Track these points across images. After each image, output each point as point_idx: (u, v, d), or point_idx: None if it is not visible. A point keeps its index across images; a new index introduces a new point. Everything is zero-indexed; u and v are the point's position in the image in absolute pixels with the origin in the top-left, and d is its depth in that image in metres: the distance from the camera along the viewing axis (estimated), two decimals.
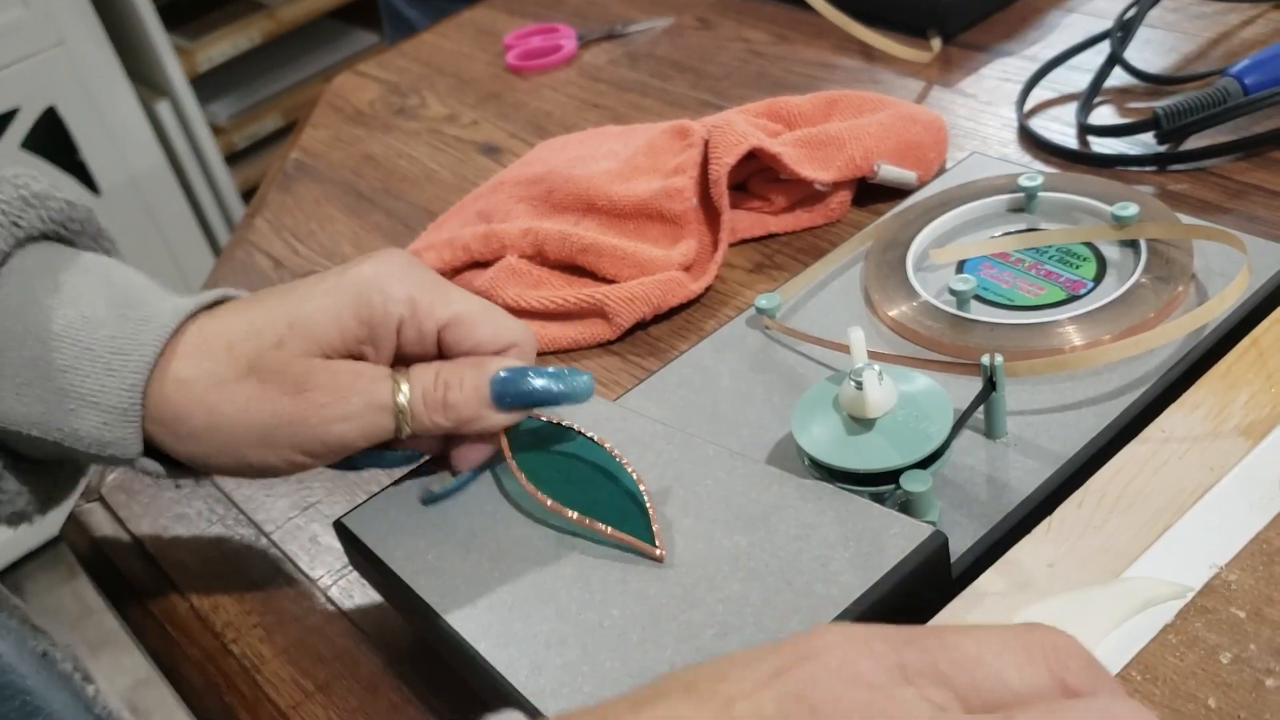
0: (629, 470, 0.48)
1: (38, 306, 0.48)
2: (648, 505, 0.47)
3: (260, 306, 0.49)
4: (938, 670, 0.30)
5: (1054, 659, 0.31)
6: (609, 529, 0.46)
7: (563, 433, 0.50)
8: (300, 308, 0.48)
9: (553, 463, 0.49)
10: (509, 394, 0.48)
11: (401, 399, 0.48)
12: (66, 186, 0.68)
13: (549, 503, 0.47)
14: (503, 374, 0.48)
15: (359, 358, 0.49)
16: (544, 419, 0.50)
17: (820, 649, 0.31)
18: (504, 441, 0.49)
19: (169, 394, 0.48)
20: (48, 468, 0.52)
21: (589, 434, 0.50)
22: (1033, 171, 0.62)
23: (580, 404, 0.49)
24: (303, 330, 0.48)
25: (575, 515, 0.47)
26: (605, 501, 0.47)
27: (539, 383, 0.48)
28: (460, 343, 0.49)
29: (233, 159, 2.06)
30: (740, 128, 0.68)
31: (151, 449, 0.50)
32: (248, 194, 2.01)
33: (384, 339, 0.49)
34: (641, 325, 0.66)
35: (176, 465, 0.51)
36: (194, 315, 0.50)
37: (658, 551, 0.45)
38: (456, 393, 0.48)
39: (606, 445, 0.49)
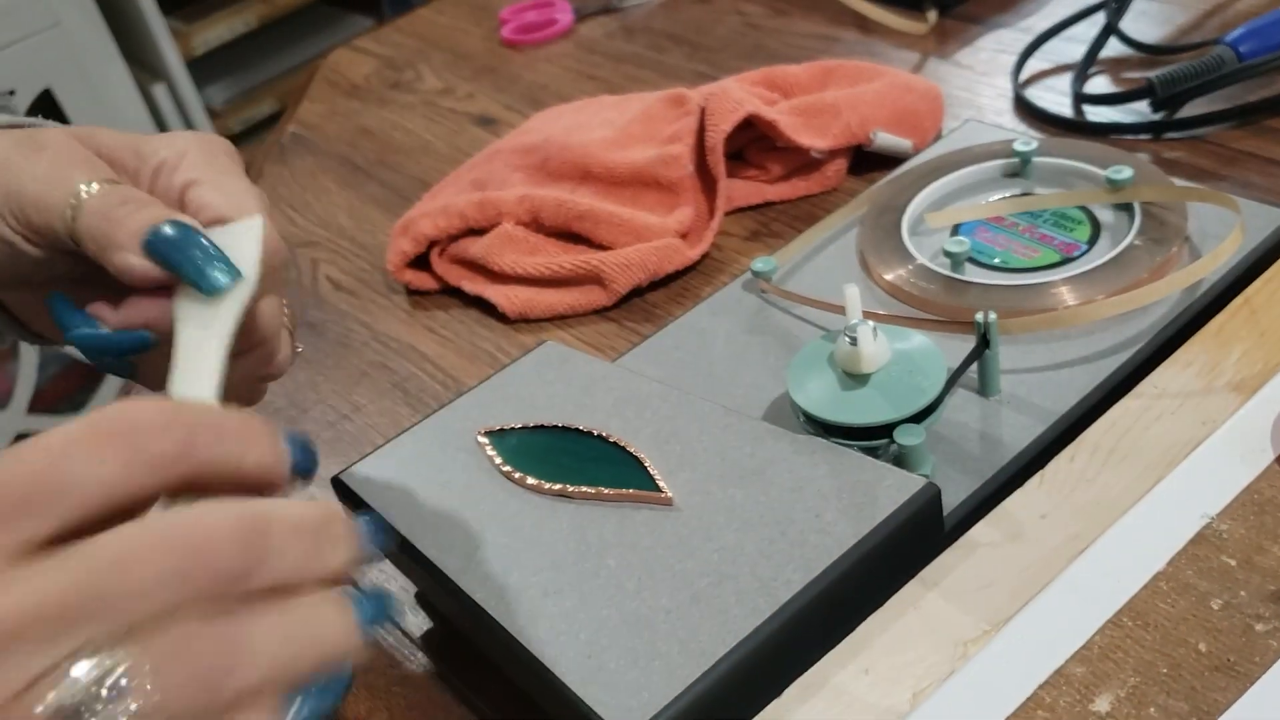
0: (612, 439, 0.48)
1: None
2: (642, 458, 0.47)
3: None
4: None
5: (131, 441, 0.28)
6: (610, 490, 0.46)
7: (539, 431, 0.50)
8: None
9: (540, 456, 0.49)
10: (162, 242, 0.40)
11: (86, 188, 0.42)
12: None
13: (547, 486, 0.47)
14: (170, 225, 0.40)
15: None
16: (518, 426, 0.51)
17: None
18: (493, 456, 0.49)
19: None
20: None
21: (562, 424, 0.50)
22: (1028, 137, 0.62)
23: (212, 296, 0.40)
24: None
25: (573, 489, 0.47)
26: (600, 471, 0.47)
27: (194, 248, 0.40)
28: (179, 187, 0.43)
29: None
30: (736, 95, 0.68)
31: None
32: None
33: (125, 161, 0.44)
34: (638, 292, 0.66)
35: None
36: None
37: (665, 495, 0.46)
38: (128, 209, 0.41)
39: (582, 426, 0.49)
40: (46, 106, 1.76)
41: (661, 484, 0.46)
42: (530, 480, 0.48)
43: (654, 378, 0.52)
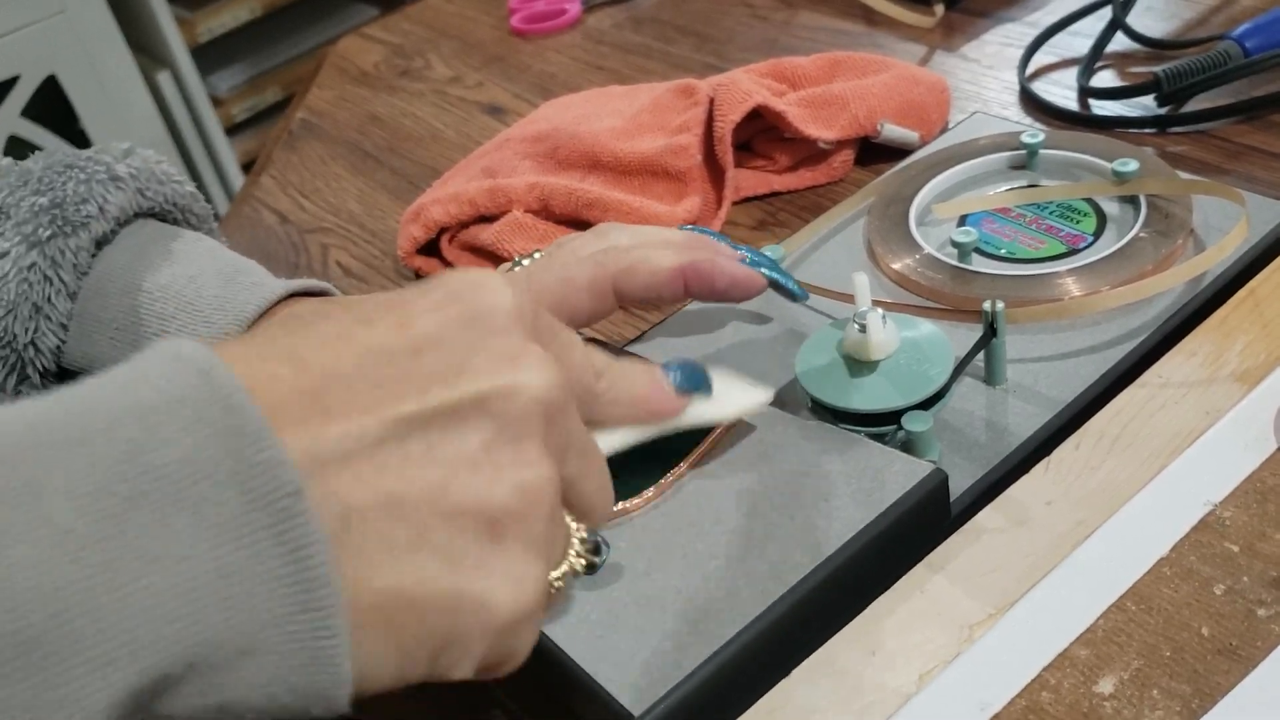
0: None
1: (147, 264, 0.49)
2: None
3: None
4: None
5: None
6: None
7: None
8: None
9: None
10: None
11: None
12: None
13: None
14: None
15: None
16: None
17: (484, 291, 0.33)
18: None
19: None
20: None
21: None
22: (1034, 129, 0.62)
23: None
24: None
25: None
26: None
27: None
28: None
29: (233, 131, 2.06)
30: (745, 86, 0.69)
31: None
32: (248, 166, 2.01)
33: None
34: None
35: None
36: (295, 295, 0.50)
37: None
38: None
39: None
40: (51, 93, 1.76)
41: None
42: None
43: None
